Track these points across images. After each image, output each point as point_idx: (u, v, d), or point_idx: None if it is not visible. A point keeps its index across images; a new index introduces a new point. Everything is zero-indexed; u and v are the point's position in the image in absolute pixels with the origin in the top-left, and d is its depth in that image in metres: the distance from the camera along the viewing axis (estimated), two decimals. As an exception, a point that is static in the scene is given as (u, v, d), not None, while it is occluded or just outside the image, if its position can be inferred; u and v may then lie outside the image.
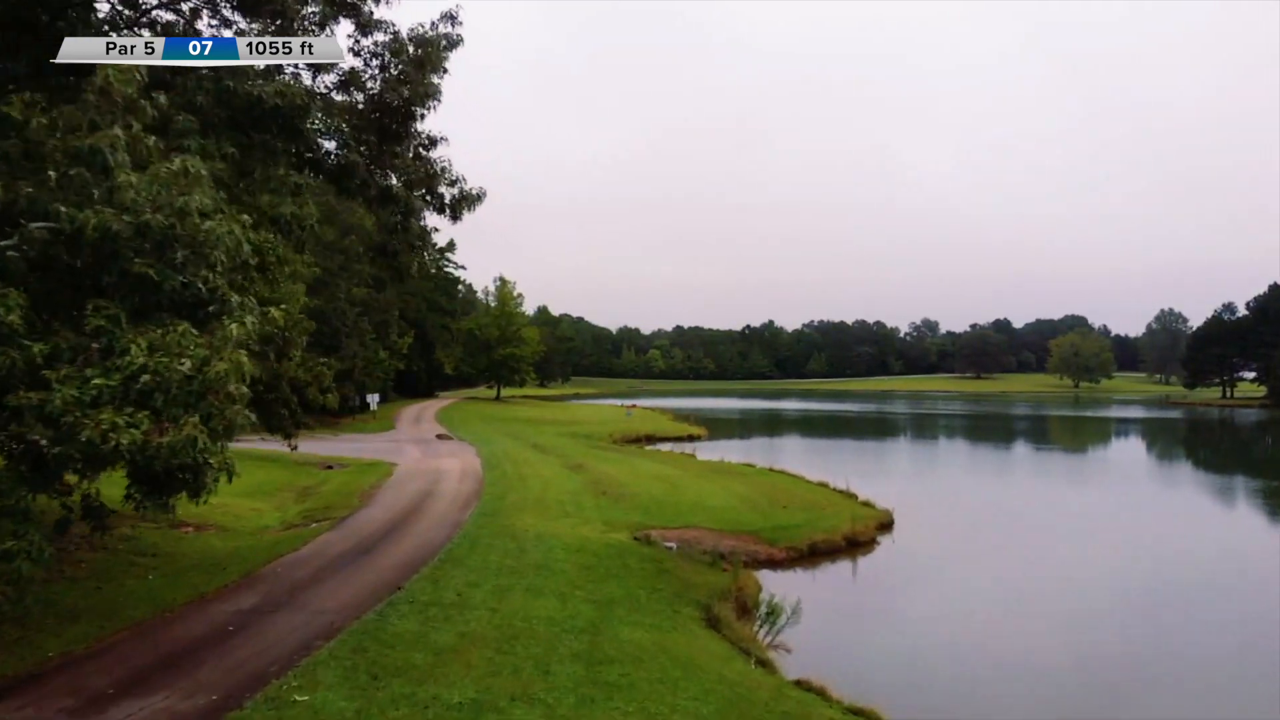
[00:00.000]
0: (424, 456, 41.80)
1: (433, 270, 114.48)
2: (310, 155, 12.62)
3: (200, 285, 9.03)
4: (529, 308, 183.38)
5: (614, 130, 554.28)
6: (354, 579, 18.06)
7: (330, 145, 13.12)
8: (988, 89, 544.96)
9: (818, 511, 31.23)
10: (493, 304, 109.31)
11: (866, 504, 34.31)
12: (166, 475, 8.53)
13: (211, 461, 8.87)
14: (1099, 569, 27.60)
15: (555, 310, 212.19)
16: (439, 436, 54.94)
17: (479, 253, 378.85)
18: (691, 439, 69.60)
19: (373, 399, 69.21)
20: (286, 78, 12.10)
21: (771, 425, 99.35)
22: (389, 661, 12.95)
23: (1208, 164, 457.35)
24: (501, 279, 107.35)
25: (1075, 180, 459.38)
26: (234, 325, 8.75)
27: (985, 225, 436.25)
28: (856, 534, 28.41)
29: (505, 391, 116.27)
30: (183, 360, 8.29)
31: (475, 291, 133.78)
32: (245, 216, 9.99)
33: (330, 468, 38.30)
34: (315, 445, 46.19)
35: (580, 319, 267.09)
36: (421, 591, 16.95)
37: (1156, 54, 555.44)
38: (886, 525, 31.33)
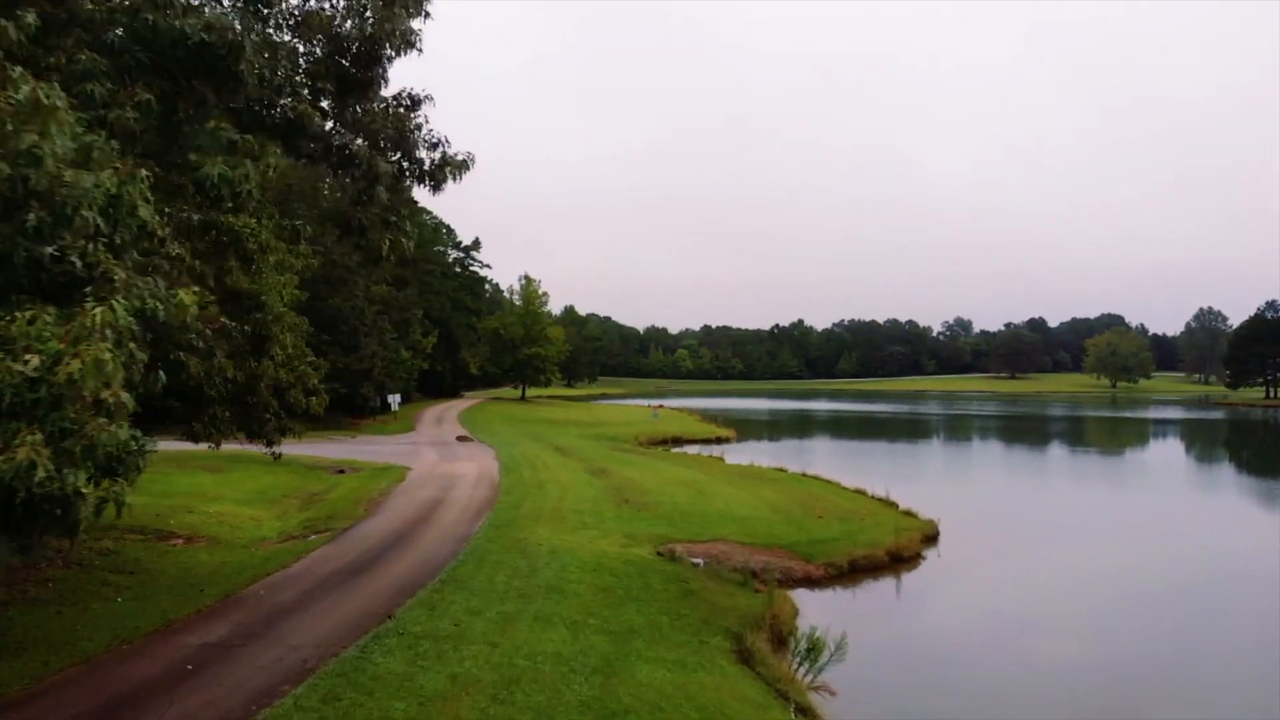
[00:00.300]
0: (440, 460, 40.02)
1: (457, 269, 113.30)
2: (251, 106, 10.56)
3: (75, 259, 7.03)
4: (556, 308, 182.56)
5: (625, 129, 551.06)
6: (342, 604, 16.15)
7: (284, 101, 11.10)
8: (994, 86, 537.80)
9: (856, 522, 28.98)
10: (518, 303, 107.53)
11: (908, 513, 31.99)
12: (25, 510, 6.59)
13: (84, 491, 6.89)
14: (1164, 582, 25.13)
15: (582, 310, 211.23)
16: (459, 439, 53.21)
17: (506, 255, 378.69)
18: (719, 441, 67.41)
19: (394, 399, 67.70)
20: (222, 9, 10.10)
21: (801, 427, 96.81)
22: (363, 714, 10.99)
23: (1238, 159, 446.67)
24: (526, 277, 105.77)
25: (1104, 176, 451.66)
26: (99, 310, 6.68)
27: (1015, 223, 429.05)
28: (900, 548, 26.11)
29: (531, 391, 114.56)
30: (26, 358, 6.33)
31: (503, 291, 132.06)
32: (143, 172, 7.95)
33: (342, 472, 36.62)
34: (329, 448, 44.66)
35: (607, 318, 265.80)
36: (414, 621, 14.99)
37: (1179, 49, 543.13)
38: (931, 537, 29.00)
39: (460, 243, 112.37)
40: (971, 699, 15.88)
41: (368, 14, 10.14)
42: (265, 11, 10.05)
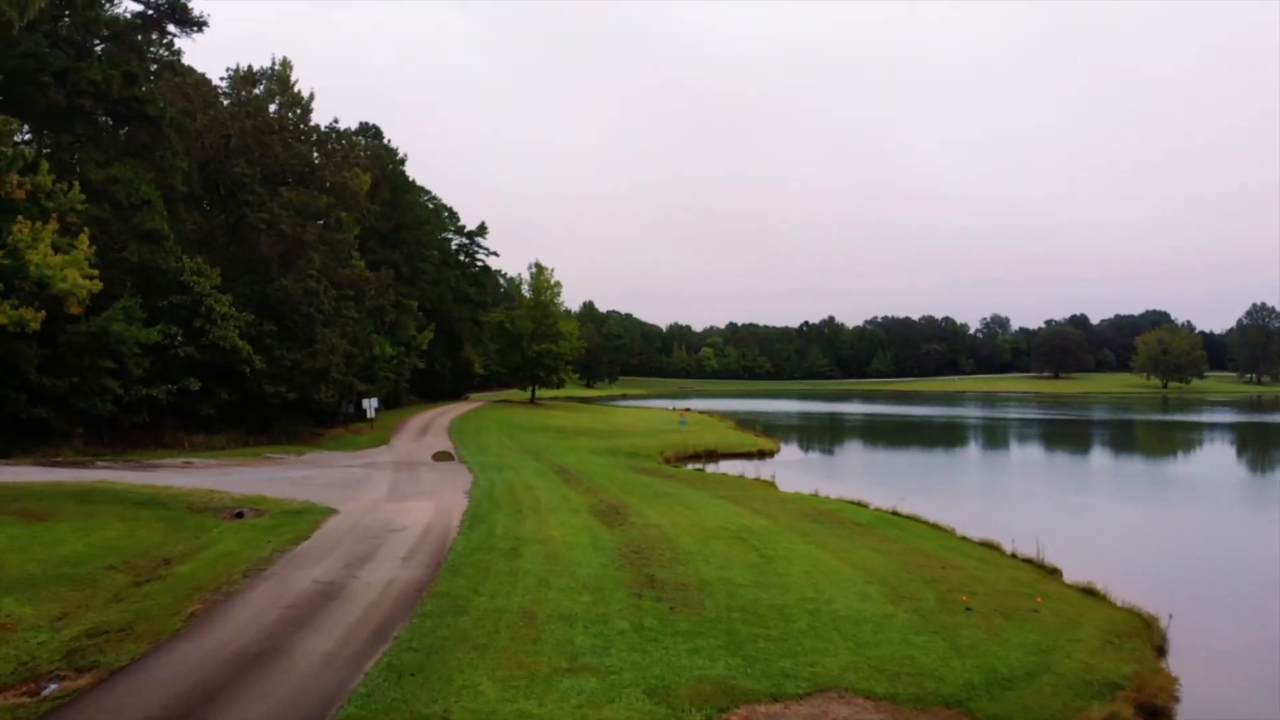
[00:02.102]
0: (388, 496, 28.55)
1: (461, 257, 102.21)
2: None
3: None
4: (575, 304, 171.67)
5: (638, 124, 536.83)
6: None
7: None
8: (1000, 80, 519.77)
9: (1029, 620, 17.29)
10: (527, 294, 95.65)
11: (1089, 591, 20.47)
12: None
13: None
14: None
15: (602, 307, 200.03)
16: (436, 456, 41.87)
17: (522, 250, 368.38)
18: (762, 455, 55.81)
19: (370, 404, 56.30)
20: None
21: (844, 433, 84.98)
22: None
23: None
24: (537, 265, 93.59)
25: (1145, 169, 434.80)
26: None
27: (1044, 216, 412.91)
28: (1149, 690, 14.42)
29: (543, 393, 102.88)
30: None
31: (518, 284, 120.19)
32: None
33: (240, 515, 25.33)
34: (252, 472, 33.51)
35: (628, 315, 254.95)
36: None
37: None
38: (1159, 648, 17.33)
39: (464, 227, 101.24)
40: None
41: None
42: None
